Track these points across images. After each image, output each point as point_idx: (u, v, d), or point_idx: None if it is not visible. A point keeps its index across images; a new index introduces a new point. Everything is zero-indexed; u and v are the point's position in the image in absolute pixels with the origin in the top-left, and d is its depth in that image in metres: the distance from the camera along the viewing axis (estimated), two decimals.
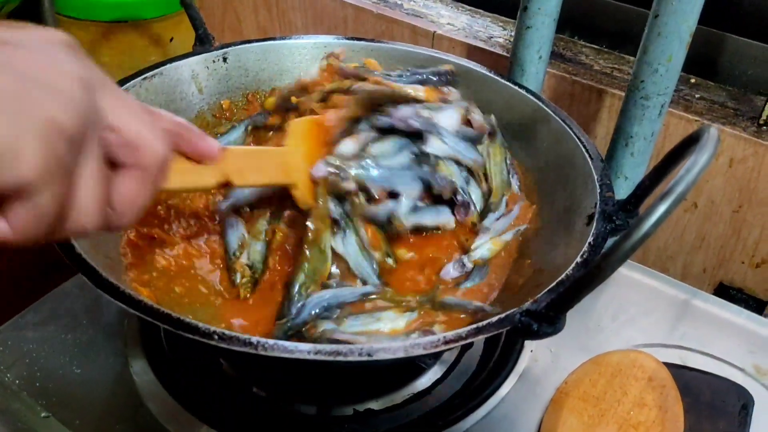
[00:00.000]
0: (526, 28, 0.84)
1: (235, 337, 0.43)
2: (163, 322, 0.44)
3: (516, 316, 0.47)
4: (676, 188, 0.41)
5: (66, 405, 0.63)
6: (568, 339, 0.72)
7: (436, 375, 0.69)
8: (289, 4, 1.23)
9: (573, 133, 0.68)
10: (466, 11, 1.14)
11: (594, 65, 1.00)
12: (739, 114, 0.91)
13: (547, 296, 0.48)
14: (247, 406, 0.66)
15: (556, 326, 0.46)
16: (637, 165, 0.81)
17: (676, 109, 0.90)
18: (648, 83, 0.75)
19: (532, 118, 0.74)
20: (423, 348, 0.45)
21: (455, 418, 0.64)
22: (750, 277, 0.95)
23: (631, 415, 0.62)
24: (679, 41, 0.72)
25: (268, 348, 0.43)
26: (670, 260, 1.00)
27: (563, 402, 0.64)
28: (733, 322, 0.76)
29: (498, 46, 1.04)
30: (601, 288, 0.78)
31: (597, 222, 0.57)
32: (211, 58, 0.79)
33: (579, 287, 0.43)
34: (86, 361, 0.67)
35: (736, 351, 0.73)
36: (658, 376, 0.65)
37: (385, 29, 1.12)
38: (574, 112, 0.97)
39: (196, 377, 0.67)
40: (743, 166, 0.88)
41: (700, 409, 0.65)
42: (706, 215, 0.94)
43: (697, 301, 0.78)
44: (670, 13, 0.71)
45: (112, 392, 0.65)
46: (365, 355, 0.44)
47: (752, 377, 0.70)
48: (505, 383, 0.67)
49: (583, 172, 0.65)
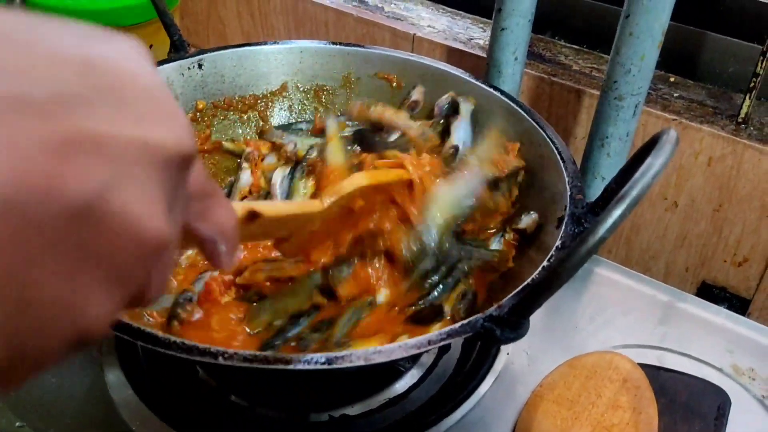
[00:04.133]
0: (501, 29, 0.84)
1: (194, 347, 0.43)
2: (120, 332, 0.44)
3: (479, 322, 0.47)
4: (631, 191, 0.41)
5: (40, 414, 0.63)
6: (545, 341, 0.72)
7: (413, 379, 0.69)
8: (271, 8, 1.23)
9: (546, 135, 0.68)
10: (447, 13, 1.14)
11: (573, 65, 1.00)
12: (718, 112, 0.91)
13: (510, 301, 0.48)
14: (224, 415, 0.66)
15: (519, 331, 0.46)
16: (614, 165, 0.81)
17: (654, 108, 0.90)
18: (621, 83, 0.75)
19: (506, 119, 0.73)
20: (385, 356, 0.45)
21: (431, 422, 0.64)
22: (733, 275, 0.95)
23: (605, 417, 0.62)
24: (651, 40, 0.72)
25: (227, 357, 0.43)
26: (652, 260, 1.00)
27: (538, 405, 0.64)
28: (712, 321, 0.76)
29: (478, 47, 1.04)
30: (580, 289, 0.79)
31: (566, 225, 0.57)
32: (186, 65, 0.79)
33: (538, 292, 0.44)
34: (61, 371, 0.67)
35: (715, 351, 0.72)
36: (633, 378, 0.65)
37: (365, 32, 1.12)
38: (553, 113, 0.97)
39: (171, 386, 0.67)
40: (722, 165, 0.88)
41: (676, 410, 0.65)
42: (687, 214, 0.94)
43: (677, 301, 0.78)
44: (641, 12, 0.71)
45: (86, 402, 0.65)
46: (324, 363, 0.44)
47: (730, 377, 0.70)
48: (481, 386, 0.67)
49: (555, 175, 0.65)
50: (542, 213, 0.65)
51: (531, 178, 0.70)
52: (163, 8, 0.81)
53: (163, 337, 0.45)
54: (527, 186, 0.70)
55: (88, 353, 0.68)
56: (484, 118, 0.76)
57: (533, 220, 0.65)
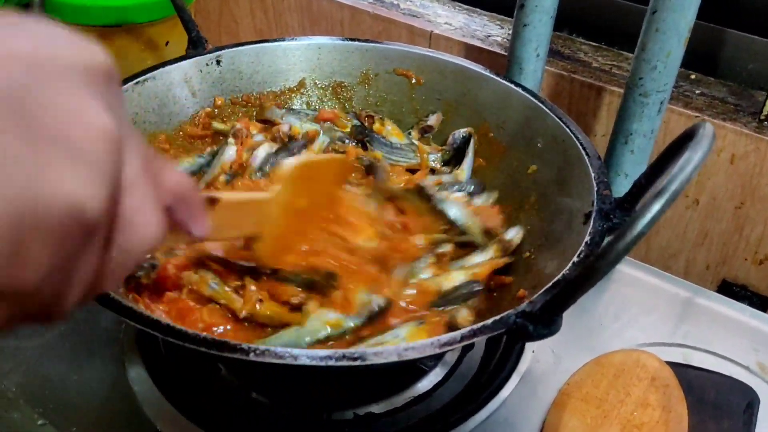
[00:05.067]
0: (523, 25, 0.83)
1: (225, 343, 0.43)
2: (152, 329, 0.44)
3: (511, 318, 0.46)
4: (670, 186, 0.40)
5: (62, 412, 0.63)
6: (570, 339, 0.71)
7: (437, 377, 0.69)
8: (285, 6, 1.23)
9: (570, 131, 0.68)
10: (464, 10, 1.14)
11: (593, 63, 0.99)
12: (739, 110, 0.90)
13: (543, 297, 0.47)
14: (247, 412, 0.65)
15: (552, 328, 0.45)
16: (638, 162, 0.80)
17: (676, 106, 0.89)
18: (647, 80, 0.74)
19: (529, 116, 0.73)
20: (417, 352, 0.45)
21: (456, 420, 0.63)
22: (754, 273, 0.94)
23: (635, 415, 0.61)
24: (677, 37, 0.71)
25: (259, 354, 0.42)
26: (672, 258, 0.99)
27: (565, 403, 0.63)
28: (737, 319, 0.75)
29: (496, 44, 1.03)
30: (602, 287, 0.78)
31: (594, 221, 0.57)
32: (204, 61, 0.78)
33: (573, 288, 0.43)
34: (83, 368, 0.67)
35: (740, 349, 0.72)
36: (661, 376, 0.64)
37: (382, 30, 1.11)
38: (573, 110, 0.96)
39: (194, 383, 0.66)
40: (745, 162, 0.87)
41: (705, 408, 0.64)
42: (708, 212, 0.93)
43: (700, 299, 0.77)
44: (667, 8, 0.70)
45: (109, 399, 0.64)
46: (358, 360, 0.43)
47: (757, 375, 0.69)
48: (507, 385, 0.67)
49: (580, 171, 0.64)
50: (566, 209, 0.65)
51: (554, 173, 0.69)
52: (181, 5, 0.81)
53: (192, 333, 0.45)
54: (550, 181, 0.69)
55: (109, 350, 0.68)
56: (504, 114, 0.76)
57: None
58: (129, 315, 0.46)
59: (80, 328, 0.70)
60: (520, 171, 0.73)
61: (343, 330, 0.57)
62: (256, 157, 0.74)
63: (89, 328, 0.70)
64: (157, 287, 0.61)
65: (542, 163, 0.71)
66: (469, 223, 0.70)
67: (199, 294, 0.59)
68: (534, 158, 0.72)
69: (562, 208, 0.65)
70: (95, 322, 0.71)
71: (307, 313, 0.58)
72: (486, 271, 0.65)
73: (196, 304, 0.59)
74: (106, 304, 0.46)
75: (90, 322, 0.71)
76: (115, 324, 0.71)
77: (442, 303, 0.62)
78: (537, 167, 0.71)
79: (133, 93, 0.70)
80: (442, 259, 0.66)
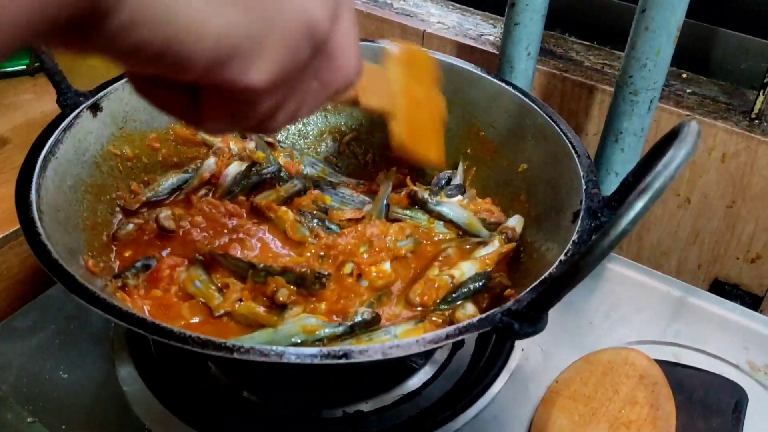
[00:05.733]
0: (514, 24, 0.83)
1: (210, 341, 0.43)
2: (137, 327, 0.44)
3: (497, 316, 0.46)
4: (654, 184, 0.40)
5: (52, 410, 0.63)
6: (559, 337, 0.71)
7: (427, 375, 0.69)
8: None
9: (560, 129, 0.68)
10: (457, 9, 1.14)
11: (584, 61, 0.99)
12: (731, 108, 0.90)
13: (529, 295, 0.48)
14: (237, 410, 0.65)
15: (538, 326, 0.45)
16: (628, 161, 0.80)
17: (667, 104, 0.89)
18: (636, 78, 0.74)
19: (520, 115, 0.73)
20: (402, 350, 0.45)
21: (445, 418, 0.64)
22: (745, 272, 0.94)
23: (623, 413, 0.61)
24: (667, 35, 0.71)
25: (243, 352, 0.43)
26: (664, 256, 0.99)
27: (554, 401, 0.63)
28: (727, 318, 0.75)
29: (488, 43, 1.03)
30: (594, 286, 0.78)
31: (582, 219, 0.57)
32: None
33: (559, 286, 0.43)
34: (73, 367, 0.67)
35: (731, 347, 0.72)
36: (650, 374, 0.65)
37: (375, 29, 1.11)
38: (565, 109, 0.96)
39: (184, 382, 0.66)
40: (736, 161, 0.87)
41: (693, 406, 0.64)
42: (699, 211, 0.93)
43: (691, 298, 0.77)
44: (657, 6, 0.70)
45: (99, 397, 0.64)
46: (343, 358, 0.43)
47: (746, 374, 0.70)
48: (496, 383, 0.67)
49: (569, 169, 0.64)
50: (555, 207, 0.65)
51: (543, 172, 0.69)
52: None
53: (177, 331, 0.45)
54: (540, 179, 0.69)
55: (99, 348, 0.68)
56: (495, 112, 0.76)
57: None
58: (114, 313, 0.46)
59: (70, 327, 0.70)
60: (511, 169, 0.74)
61: (318, 337, 0.57)
62: (227, 175, 0.75)
63: (79, 327, 0.70)
64: (148, 286, 0.61)
65: (532, 161, 0.71)
66: (470, 222, 0.72)
67: (185, 292, 0.60)
68: (524, 157, 0.72)
69: (552, 206, 0.65)
70: (85, 322, 0.71)
71: (289, 316, 0.58)
72: (495, 259, 0.67)
73: (180, 300, 0.60)
74: (92, 302, 0.46)
75: (79, 322, 0.71)
76: (105, 323, 0.71)
77: (452, 299, 0.63)
78: (527, 166, 0.72)
79: (123, 91, 0.70)
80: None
